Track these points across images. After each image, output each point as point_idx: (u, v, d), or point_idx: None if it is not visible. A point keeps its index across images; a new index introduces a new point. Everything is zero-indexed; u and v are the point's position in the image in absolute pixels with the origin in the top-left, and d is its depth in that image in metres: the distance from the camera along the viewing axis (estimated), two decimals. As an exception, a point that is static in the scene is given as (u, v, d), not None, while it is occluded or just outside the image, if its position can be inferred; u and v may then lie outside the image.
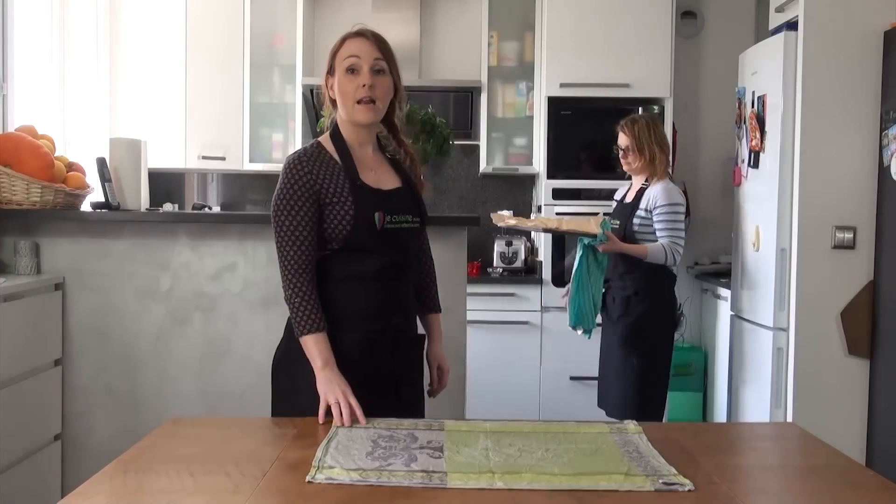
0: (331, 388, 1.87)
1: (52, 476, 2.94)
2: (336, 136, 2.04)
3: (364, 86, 1.97)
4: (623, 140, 3.55)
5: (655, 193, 3.45)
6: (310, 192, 1.95)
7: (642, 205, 3.47)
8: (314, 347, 1.93)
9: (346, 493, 1.41)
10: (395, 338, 2.03)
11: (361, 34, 2.03)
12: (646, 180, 3.52)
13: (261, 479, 1.47)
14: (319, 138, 2.07)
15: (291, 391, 2.03)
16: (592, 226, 3.23)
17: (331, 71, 2.03)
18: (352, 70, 1.98)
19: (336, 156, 2.00)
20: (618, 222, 3.51)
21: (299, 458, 1.57)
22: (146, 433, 1.79)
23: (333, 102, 2.05)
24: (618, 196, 3.72)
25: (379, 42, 2.02)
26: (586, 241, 3.32)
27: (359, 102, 1.98)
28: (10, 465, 2.66)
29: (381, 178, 2.05)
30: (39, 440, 2.87)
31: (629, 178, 3.71)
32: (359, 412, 1.83)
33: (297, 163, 1.97)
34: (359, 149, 2.05)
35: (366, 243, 1.97)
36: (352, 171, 1.99)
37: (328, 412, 1.86)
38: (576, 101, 4.59)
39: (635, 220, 3.45)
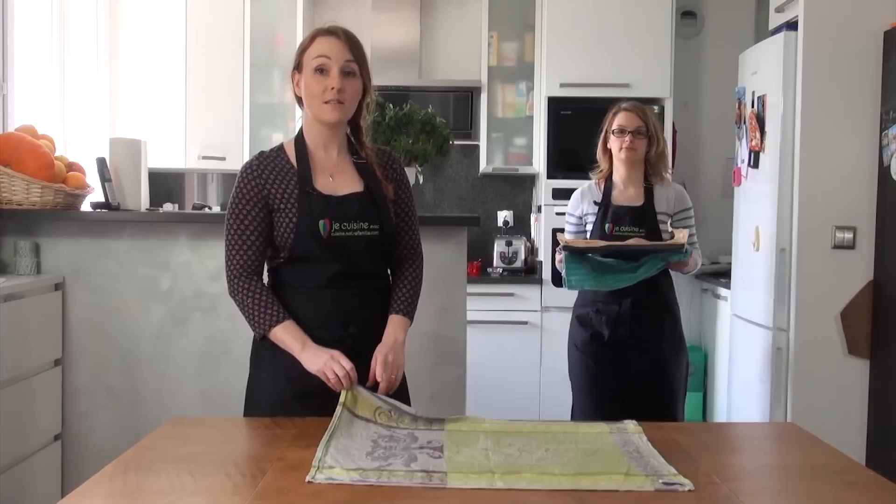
0: (320, 358, 1.85)
1: (52, 476, 2.94)
2: (299, 138, 2.01)
3: (332, 88, 1.91)
4: (632, 121, 3.01)
5: (676, 196, 3.08)
6: (258, 198, 1.93)
7: (660, 207, 3.04)
8: (286, 335, 1.90)
9: (346, 493, 1.41)
10: (353, 348, 1.94)
11: (333, 33, 1.97)
12: (646, 179, 3.06)
13: (261, 479, 1.47)
14: (284, 141, 2.05)
15: (257, 367, 2.05)
16: (680, 240, 2.83)
17: (298, 68, 1.98)
18: (321, 70, 1.93)
19: (293, 160, 1.97)
20: (635, 229, 2.98)
21: (299, 458, 1.57)
22: (146, 433, 1.79)
23: (299, 100, 2.01)
24: (591, 195, 3.11)
25: (351, 42, 1.96)
26: (673, 258, 2.87)
27: (326, 102, 1.93)
28: (10, 465, 2.66)
29: (340, 183, 1.99)
30: (39, 440, 2.86)
31: (583, 174, 3.27)
32: (348, 366, 1.82)
33: (248, 168, 1.97)
34: (323, 151, 2.00)
35: (312, 252, 1.93)
36: (305, 177, 1.95)
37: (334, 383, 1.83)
38: (576, 101, 4.59)
39: (661, 227, 3.03)
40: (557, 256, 2.92)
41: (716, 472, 1.55)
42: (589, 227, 3.10)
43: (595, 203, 3.10)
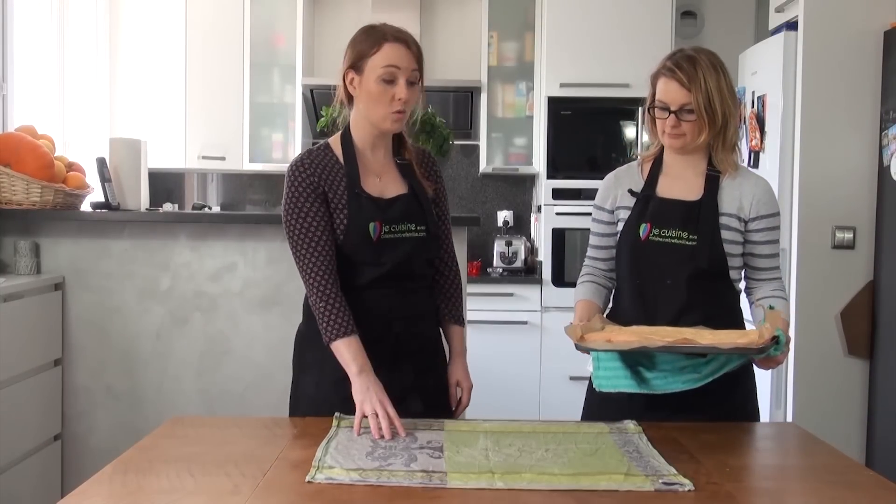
0: (367, 397, 1.78)
1: (52, 476, 2.94)
2: (346, 137, 1.98)
3: (399, 99, 1.90)
4: (676, 95, 2.03)
5: (756, 193, 2.09)
6: (316, 193, 1.91)
7: (728, 207, 2.06)
8: (346, 352, 1.85)
9: (346, 493, 1.41)
10: (396, 347, 1.95)
11: (402, 41, 1.94)
12: (711, 166, 2.11)
13: (261, 479, 1.47)
14: (329, 139, 2.02)
15: (300, 370, 2.03)
16: (762, 335, 1.82)
17: (356, 69, 1.93)
18: (388, 81, 1.90)
19: (341, 159, 1.95)
20: (684, 234, 2.02)
21: (299, 458, 1.58)
22: (146, 433, 1.79)
23: (349, 98, 1.97)
24: (629, 181, 2.14)
25: (417, 52, 1.95)
26: (761, 356, 1.86)
27: (392, 112, 1.91)
28: (10, 465, 2.66)
29: (387, 185, 1.98)
30: (39, 440, 2.86)
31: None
32: (398, 422, 1.74)
33: (299, 165, 1.93)
34: (370, 152, 1.98)
35: (361, 254, 1.92)
36: (353, 177, 1.93)
37: (364, 421, 1.77)
38: (576, 101, 4.59)
39: (726, 235, 2.04)
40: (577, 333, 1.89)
41: (716, 472, 1.55)
42: (620, 227, 2.12)
43: (631, 193, 2.12)
